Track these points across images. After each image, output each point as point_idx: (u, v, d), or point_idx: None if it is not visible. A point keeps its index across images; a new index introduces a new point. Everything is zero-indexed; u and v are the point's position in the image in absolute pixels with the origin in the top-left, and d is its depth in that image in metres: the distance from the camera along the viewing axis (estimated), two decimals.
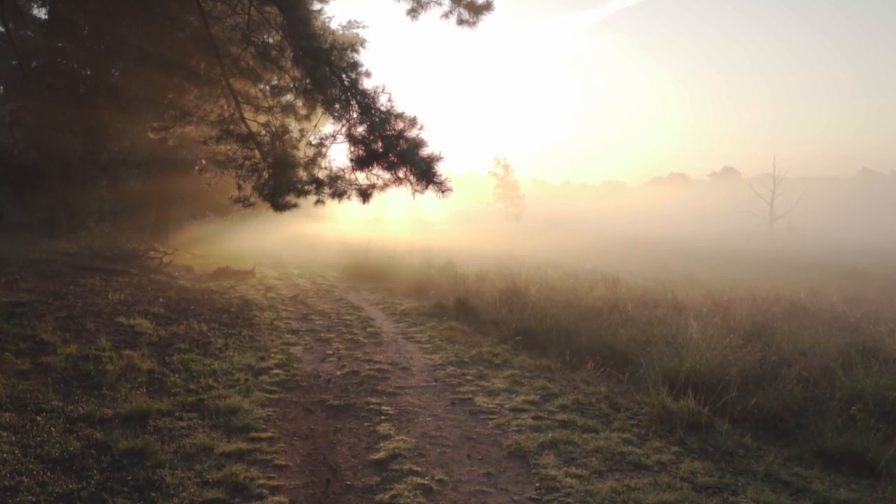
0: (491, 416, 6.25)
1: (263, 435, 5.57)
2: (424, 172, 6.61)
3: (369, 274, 19.21)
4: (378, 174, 7.47)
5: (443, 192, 6.79)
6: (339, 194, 8.23)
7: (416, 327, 11.18)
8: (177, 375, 7.12)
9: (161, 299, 11.78)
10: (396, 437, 5.58)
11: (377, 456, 5.18)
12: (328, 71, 6.86)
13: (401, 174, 6.83)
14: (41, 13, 13.14)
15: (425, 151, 6.70)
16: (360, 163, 7.22)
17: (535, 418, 6.18)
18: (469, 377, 7.73)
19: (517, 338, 9.77)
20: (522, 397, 6.86)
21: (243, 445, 5.27)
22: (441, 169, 6.63)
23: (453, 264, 19.47)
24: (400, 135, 6.72)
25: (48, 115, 11.71)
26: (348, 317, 12.08)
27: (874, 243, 50.56)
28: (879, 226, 71.60)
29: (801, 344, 9.06)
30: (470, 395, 6.94)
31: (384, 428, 5.83)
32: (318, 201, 8.54)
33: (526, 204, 72.03)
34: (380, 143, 6.80)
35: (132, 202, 21.78)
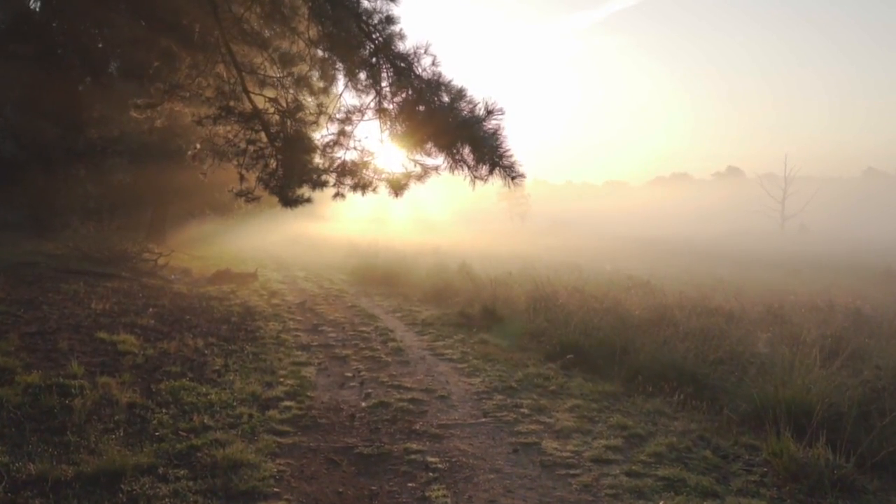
0: (571, 472, 4.80)
1: None
2: (493, 151, 5.06)
3: (380, 277, 17.86)
4: (418, 159, 6.00)
5: (513, 178, 5.25)
6: (363, 186, 6.76)
7: (442, 341, 9.76)
8: (164, 411, 5.68)
9: (152, 308, 10.33)
10: None
11: None
12: (354, 26, 5.42)
13: (457, 155, 5.32)
14: None
15: (491, 124, 5.17)
16: (405, 139, 5.73)
17: (629, 475, 4.73)
18: (524, 410, 6.28)
19: (568, 356, 8.34)
20: (602, 441, 5.41)
21: None
22: (510, 148, 5.09)
23: (469, 267, 18.10)
24: (451, 106, 5.25)
25: (25, 99, 10.30)
26: (364, 328, 10.65)
27: (891, 242, 49.15)
28: (887, 224, 70.24)
29: None
30: (534, 438, 5.49)
31: (436, 492, 4.37)
32: (337, 194, 7.06)
33: (530, 204, 70.88)
34: (423, 117, 5.32)
35: (124, 198, 20.26)
